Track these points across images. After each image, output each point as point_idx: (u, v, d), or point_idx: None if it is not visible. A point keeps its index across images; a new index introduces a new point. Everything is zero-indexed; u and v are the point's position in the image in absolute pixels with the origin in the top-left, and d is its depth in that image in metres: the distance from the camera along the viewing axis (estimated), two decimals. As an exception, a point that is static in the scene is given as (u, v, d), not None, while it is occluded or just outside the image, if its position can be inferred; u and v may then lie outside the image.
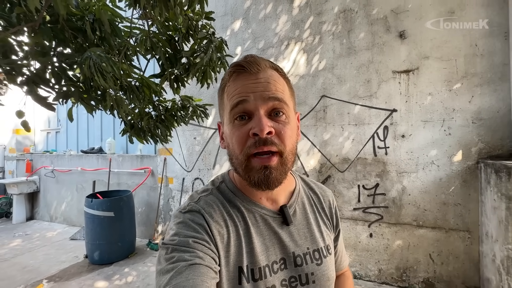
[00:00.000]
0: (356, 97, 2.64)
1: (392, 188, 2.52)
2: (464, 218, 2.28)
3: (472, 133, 2.26)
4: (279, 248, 0.57)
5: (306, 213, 0.64)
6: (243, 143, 0.51)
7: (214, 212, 0.55)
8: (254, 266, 0.53)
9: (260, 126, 0.49)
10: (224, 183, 0.62)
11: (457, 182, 2.30)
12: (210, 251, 0.50)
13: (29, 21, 1.50)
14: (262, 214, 0.59)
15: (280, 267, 0.56)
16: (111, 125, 4.60)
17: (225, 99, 0.57)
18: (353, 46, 2.65)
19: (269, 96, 0.51)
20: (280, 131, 0.51)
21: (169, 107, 2.21)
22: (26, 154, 5.27)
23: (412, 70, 2.43)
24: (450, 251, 2.32)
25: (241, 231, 0.55)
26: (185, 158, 3.55)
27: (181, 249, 0.47)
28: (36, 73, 1.57)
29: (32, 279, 2.75)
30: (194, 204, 0.56)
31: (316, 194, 0.70)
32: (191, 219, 0.53)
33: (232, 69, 0.55)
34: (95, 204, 3.01)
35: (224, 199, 0.59)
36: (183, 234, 0.50)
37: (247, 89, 0.52)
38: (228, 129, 0.55)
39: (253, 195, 0.60)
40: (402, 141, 2.48)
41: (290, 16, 2.93)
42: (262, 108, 0.51)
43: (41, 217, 5.02)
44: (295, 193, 0.65)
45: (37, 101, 1.58)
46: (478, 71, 2.23)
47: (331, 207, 0.70)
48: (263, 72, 0.53)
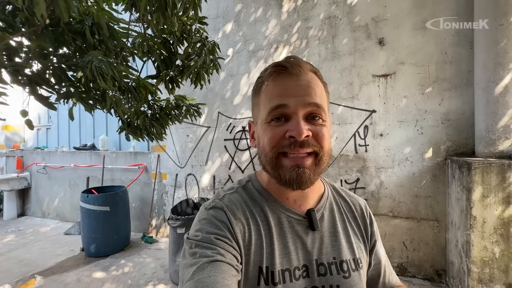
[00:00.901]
0: (340, 98, 2.85)
1: (371, 182, 2.75)
2: (433, 208, 2.53)
3: (442, 133, 2.50)
4: (303, 253, 0.55)
5: (334, 220, 0.61)
6: (275, 142, 0.51)
7: (237, 210, 0.55)
8: (274, 268, 0.52)
9: (298, 130, 0.49)
10: (250, 182, 0.62)
11: (428, 177, 2.55)
12: (232, 248, 0.50)
13: (32, 25, 1.61)
14: (287, 216, 0.57)
15: (302, 274, 0.53)
16: (104, 122, 4.66)
17: (262, 98, 0.55)
18: (337, 50, 2.84)
19: (309, 102, 0.51)
20: (318, 133, 0.51)
21: (164, 106, 2.34)
22: (16, 150, 5.25)
23: (390, 75, 2.65)
24: (421, 238, 2.57)
25: (263, 232, 0.54)
26: (178, 155, 3.68)
27: (203, 245, 0.48)
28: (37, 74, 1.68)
29: (30, 271, 2.85)
30: (218, 201, 0.57)
31: (347, 202, 0.66)
32: (214, 215, 0.54)
33: (272, 69, 0.54)
34: (91, 199, 3.11)
35: (248, 198, 0.59)
36: (205, 230, 0.51)
37: (288, 92, 0.51)
38: (262, 128, 0.54)
39: (280, 196, 0.58)
40: (380, 140, 2.71)
41: (279, 20, 3.10)
42: (301, 112, 0.50)
43: (32, 213, 5.04)
44: (323, 198, 0.62)
45: (39, 100, 1.70)
46: (447, 77, 2.47)
47: (365, 216, 0.65)
48: (304, 74, 0.53)
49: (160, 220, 3.81)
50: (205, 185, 3.52)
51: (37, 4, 1.22)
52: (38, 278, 2.70)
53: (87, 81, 1.64)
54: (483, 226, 1.98)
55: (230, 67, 3.35)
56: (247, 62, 3.26)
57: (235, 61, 3.33)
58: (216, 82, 3.39)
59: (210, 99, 3.45)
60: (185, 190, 3.63)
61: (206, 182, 3.51)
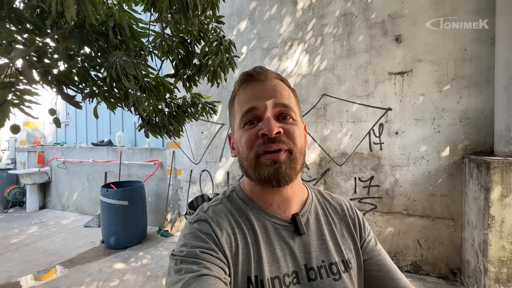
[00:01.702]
0: (355, 96, 2.84)
1: (385, 180, 2.75)
2: (449, 207, 2.51)
3: (459, 131, 2.47)
4: (291, 260, 0.55)
5: (320, 224, 0.61)
6: (251, 143, 0.53)
7: (222, 221, 0.55)
8: (263, 277, 0.51)
9: (268, 127, 0.51)
10: (234, 192, 0.62)
11: (444, 175, 2.52)
12: (219, 261, 0.49)
13: (59, 27, 1.68)
14: (272, 223, 0.57)
15: (293, 281, 0.53)
16: (120, 119, 4.79)
17: (235, 107, 0.59)
18: (353, 48, 2.83)
19: (276, 103, 0.54)
20: (289, 130, 0.53)
21: (180, 104, 2.40)
22: (37, 146, 5.48)
23: (406, 72, 2.62)
24: (436, 237, 2.57)
25: (250, 240, 0.54)
26: (193, 151, 3.76)
27: (188, 261, 0.47)
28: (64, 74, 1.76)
29: (55, 261, 3.00)
30: (202, 213, 0.56)
31: (332, 205, 0.66)
32: (199, 228, 0.53)
33: (241, 78, 0.59)
34: (111, 193, 3.24)
35: (233, 208, 0.58)
36: (190, 244, 0.50)
37: (257, 96, 0.55)
38: (238, 134, 0.57)
39: (264, 203, 0.58)
40: (395, 138, 2.70)
41: (293, 18, 3.10)
42: (270, 112, 0.53)
43: (53, 206, 5.26)
44: (307, 202, 0.62)
45: (66, 100, 1.78)
46: (466, 74, 2.42)
47: (351, 215, 0.65)
48: (270, 80, 0.57)
49: (175, 215, 3.92)
50: (219, 181, 3.59)
51: (68, 8, 1.29)
52: (61, 268, 2.85)
53: (111, 80, 1.71)
54: (502, 225, 1.96)
55: (244, 65, 3.38)
56: (261, 60, 3.28)
57: (249, 59, 3.36)
58: (231, 80, 3.42)
59: (224, 97, 3.49)
60: (200, 186, 3.72)
61: (220, 178, 3.58)
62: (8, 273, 2.77)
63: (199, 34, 2.12)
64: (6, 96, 1.43)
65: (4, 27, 1.55)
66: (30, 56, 1.60)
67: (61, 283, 2.56)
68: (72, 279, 2.64)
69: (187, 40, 2.14)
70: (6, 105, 1.43)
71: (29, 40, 1.67)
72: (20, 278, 2.68)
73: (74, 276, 2.70)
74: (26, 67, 1.46)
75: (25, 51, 1.44)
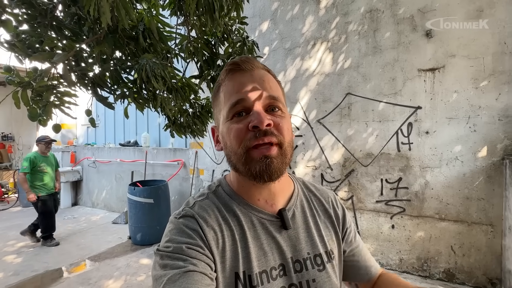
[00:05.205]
0: (381, 94, 2.74)
1: (415, 182, 2.62)
2: (487, 212, 2.34)
3: (498, 130, 2.30)
4: (278, 253, 0.55)
5: (305, 216, 0.62)
6: (241, 137, 0.51)
7: (209, 217, 0.54)
8: (251, 272, 0.51)
9: (259, 119, 0.49)
10: (220, 187, 0.61)
11: (481, 178, 2.36)
12: (205, 257, 0.49)
13: (94, 33, 1.78)
14: (259, 218, 0.57)
15: (279, 273, 0.54)
16: (145, 120, 4.99)
17: (221, 98, 0.57)
18: (379, 45, 2.73)
19: (266, 95, 0.53)
20: (279, 123, 0.52)
21: (204, 105, 2.45)
22: (70, 146, 5.84)
23: (438, 68, 2.49)
24: (472, 243, 2.40)
25: (237, 236, 0.54)
26: (215, 152, 3.82)
27: (174, 256, 0.47)
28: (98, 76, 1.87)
29: (86, 255, 3.18)
30: (188, 209, 0.55)
31: (317, 197, 0.67)
32: (185, 224, 0.52)
33: (227, 67, 0.56)
34: (138, 191, 3.37)
35: (220, 203, 0.58)
36: (176, 240, 0.50)
37: (245, 86, 0.53)
38: (225, 126, 0.54)
39: (251, 198, 0.58)
40: (426, 137, 2.57)
41: (316, 16, 3.06)
42: (260, 104, 0.52)
43: (84, 203, 5.58)
44: (293, 196, 0.63)
45: (100, 101, 1.87)
46: (506, 69, 2.25)
47: (334, 206, 0.67)
48: (256, 70, 0.56)
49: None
50: (240, 181, 3.61)
51: (104, 13, 1.36)
52: (92, 262, 3.00)
53: (141, 82, 1.78)
54: (550, 233, 1.79)
55: (266, 65, 3.38)
56: (283, 60, 3.27)
57: (271, 59, 3.36)
58: (252, 80, 3.45)
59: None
60: (221, 186, 3.76)
61: (241, 178, 3.60)
62: (46, 264, 2.96)
63: (223, 36, 2.16)
64: (49, 97, 1.54)
65: (47, 34, 1.67)
66: (69, 60, 1.71)
67: (92, 275, 2.70)
68: (102, 272, 2.77)
69: (211, 41, 2.19)
70: (49, 106, 1.54)
71: (68, 46, 1.79)
72: (56, 270, 2.86)
73: (104, 269, 2.83)
74: (66, 70, 1.56)
75: (65, 55, 1.54)
